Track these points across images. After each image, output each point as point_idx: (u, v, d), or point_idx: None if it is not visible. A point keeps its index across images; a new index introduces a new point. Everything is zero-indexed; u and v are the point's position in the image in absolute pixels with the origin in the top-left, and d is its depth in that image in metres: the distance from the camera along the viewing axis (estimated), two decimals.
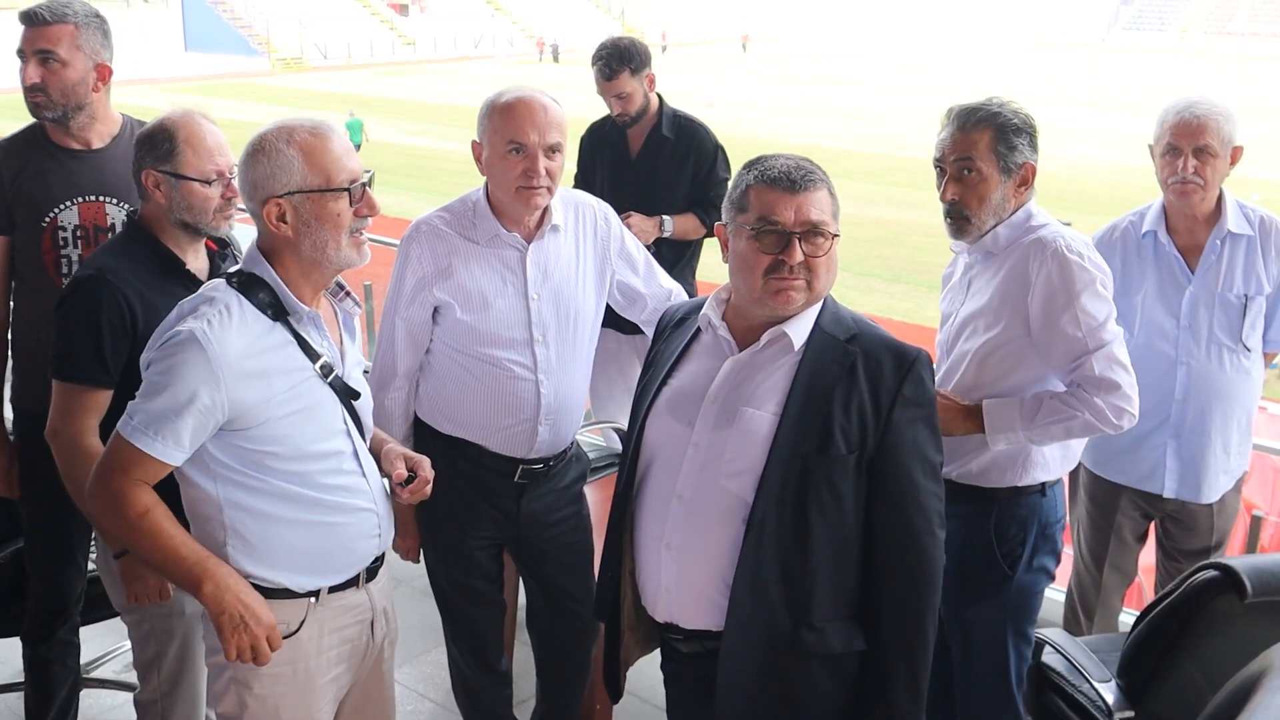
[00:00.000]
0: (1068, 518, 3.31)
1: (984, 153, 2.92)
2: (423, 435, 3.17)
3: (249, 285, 2.37)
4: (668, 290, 3.31)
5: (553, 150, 2.92)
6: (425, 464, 2.65)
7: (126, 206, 3.26)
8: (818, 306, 2.42)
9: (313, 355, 2.41)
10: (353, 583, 2.55)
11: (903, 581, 2.38)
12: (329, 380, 2.44)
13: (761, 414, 2.35)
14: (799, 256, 2.31)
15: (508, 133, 2.91)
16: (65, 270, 3.24)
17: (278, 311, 2.38)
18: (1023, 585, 3.07)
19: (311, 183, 2.35)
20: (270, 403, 2.34)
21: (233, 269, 2.43)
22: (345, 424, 2.48)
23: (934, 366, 2.51)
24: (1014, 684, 3.17)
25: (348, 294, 2.56)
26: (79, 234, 3.25)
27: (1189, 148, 3.38)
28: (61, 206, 3.24)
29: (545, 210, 3.04)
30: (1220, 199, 3.48)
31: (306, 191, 2.35)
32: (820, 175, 2.37)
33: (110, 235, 3.24)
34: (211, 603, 2.33)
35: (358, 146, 27.72)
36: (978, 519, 3.04)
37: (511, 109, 2.93)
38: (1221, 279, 3.45)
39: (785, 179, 2.32)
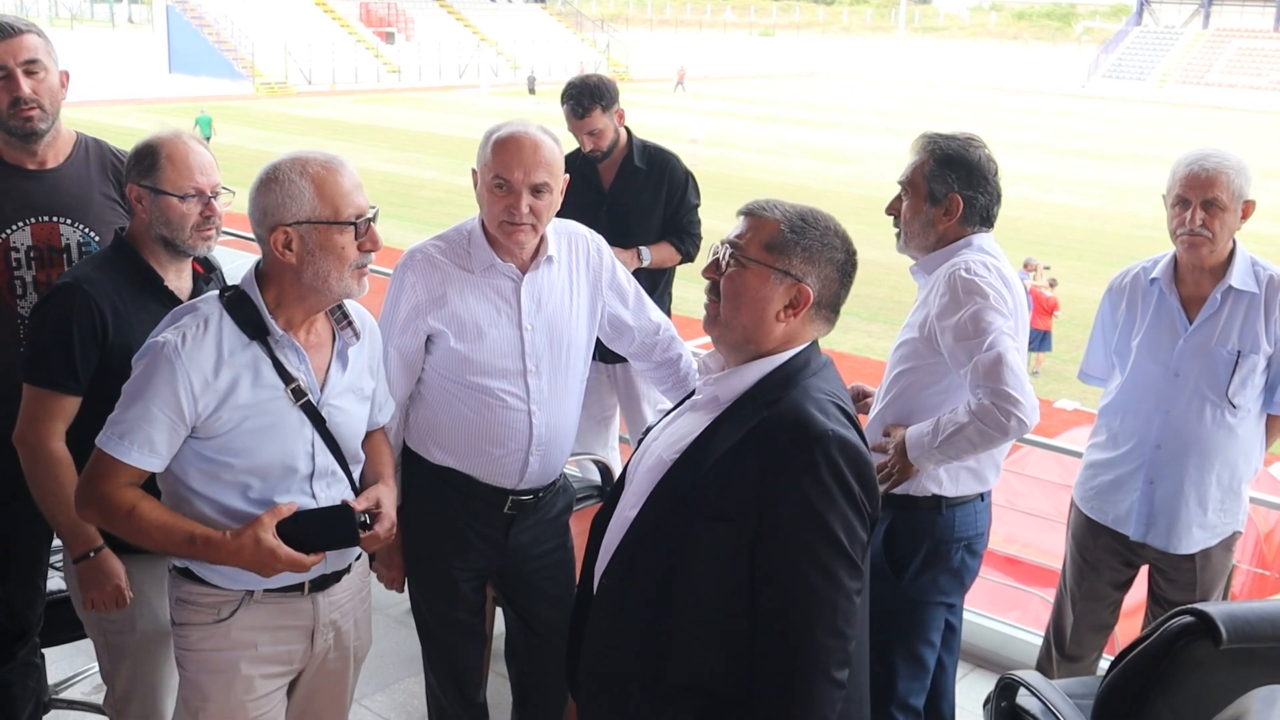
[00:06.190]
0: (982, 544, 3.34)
1: (917, 178, 3.15)
2: (411, 465, 3.16)
3: (235, 302, 2.51)
4: (656, 324, 3.31)
5: (538, 190, 2.91)
6: (386, 522, 2.67)
7: (82, 226, 3.23)
8: (762, 366, 2.24)
9: (286, 378, 2.52)
10: (296, 589, 2.64)
11: (771, 684, 2.11)
12: (300, 403, 2.54)
13: (664, 458, 2.27)
14: (714, 270, 2.28)
15: (495, 167, 2.92)
16: (20, 292, 3.21)
17: (256, 331, 2.50)
18: (909, 597, 3.16)
19: (320, 214, 2.45)
20: (234, 416, 2.47)
21: (229, 285, 2.56)
22: (311, 447, 2.58)
23: (848, 449, 2.14)
24: (894, 707, 3.22)
25: (350, 324, 2.65)
26: (32, 255, 3.21)
27: (1197, 200, 3.40)
28: (13, 227, 3.20)
29: (541, 241, 3.04)
30: (1232, 253, 3.49)
31: (314, 222, 2.45)
32: (764, 209, 2.27)
33: (65, 256, 3.23)
34: (235, 561, 2.46)
35: (207, 140, 30.14)
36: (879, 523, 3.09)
37: (503, 144, 2.92)
38: (1217, 333, 3.48)
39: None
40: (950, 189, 3.09)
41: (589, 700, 2.38)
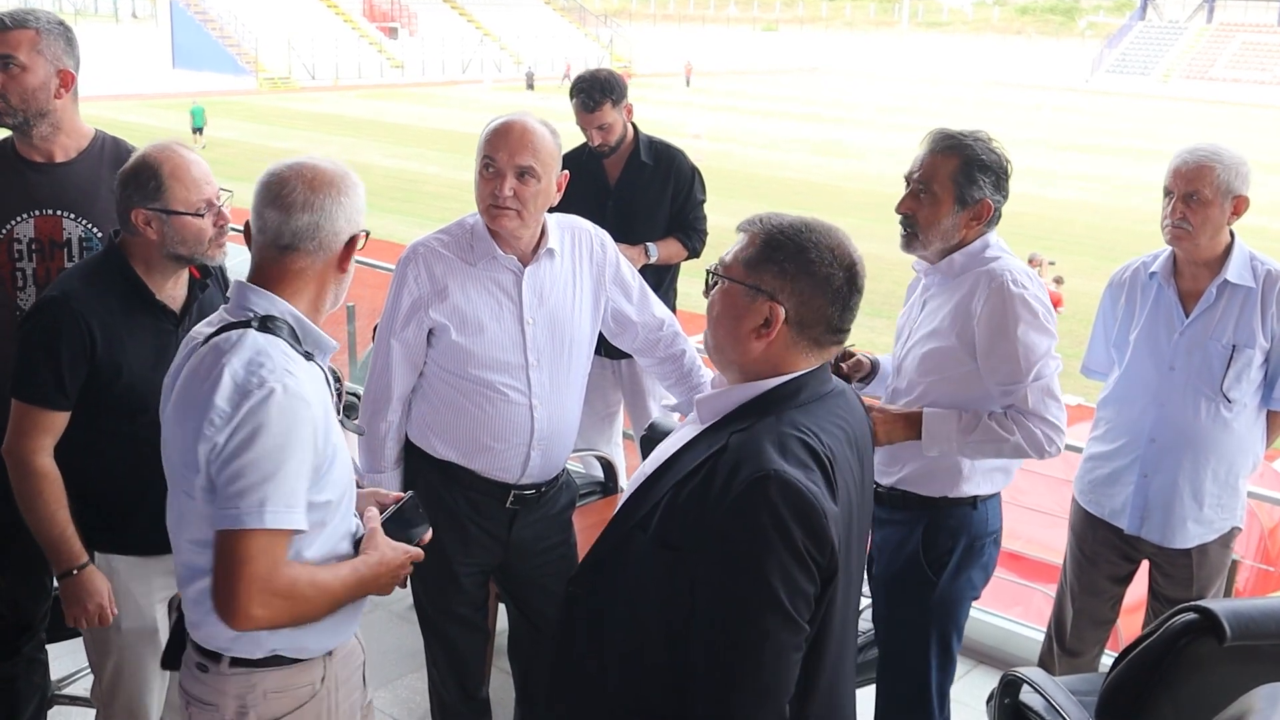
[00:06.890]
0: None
1: (943, 179, 3.03)
2: (413, 459, 3.16)
3: (273, 328, 2.19)
4: (660, 319, 3.31)
5: (523, 173, 2.90)
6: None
7: (85, 222, 3.24)
8: (747, 390, 2.09)
9: (330, 394, 2.29)
10: None
11: None
12: (339, 419, 2.31)
13: (647, 472, 2.16)
14: (706, 291, 2.17)
15: (484, 149, 2.94)
16: (20, 284, 3.23)
17: (307, 353, 2.23)
18: (947, 595, 3.17)
19: (360, 222, 2.32)
20: (330, 448, 2.21)
21: (245, 317, 2.21)
22: (352, 466, 2.37)
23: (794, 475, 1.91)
24: (933, 699, 3.24)
25: None
26: (34, 247, 3.22)
27: (1179, 192, 3.42)
28: (18, 219, 3.21)
29: (542, 234, 3.04)
30: (1230, 247, 3.49)
31: (361, 231, 2.32)
32: (751, 224, 2.13)
33: (66, 250, 3.23)
34: (385, 578, 2.35)
35: (199, 130, 30.02)
36: (909, 525, 3.17)
37: (495, 129, 2.95)
38: (1213, 327, 3.48)
39: None
40: (984, 194, 3.02)
41: (548, 713, 2.32)
